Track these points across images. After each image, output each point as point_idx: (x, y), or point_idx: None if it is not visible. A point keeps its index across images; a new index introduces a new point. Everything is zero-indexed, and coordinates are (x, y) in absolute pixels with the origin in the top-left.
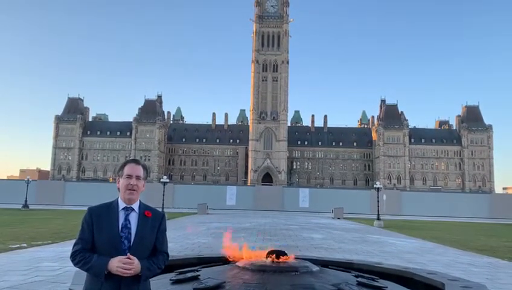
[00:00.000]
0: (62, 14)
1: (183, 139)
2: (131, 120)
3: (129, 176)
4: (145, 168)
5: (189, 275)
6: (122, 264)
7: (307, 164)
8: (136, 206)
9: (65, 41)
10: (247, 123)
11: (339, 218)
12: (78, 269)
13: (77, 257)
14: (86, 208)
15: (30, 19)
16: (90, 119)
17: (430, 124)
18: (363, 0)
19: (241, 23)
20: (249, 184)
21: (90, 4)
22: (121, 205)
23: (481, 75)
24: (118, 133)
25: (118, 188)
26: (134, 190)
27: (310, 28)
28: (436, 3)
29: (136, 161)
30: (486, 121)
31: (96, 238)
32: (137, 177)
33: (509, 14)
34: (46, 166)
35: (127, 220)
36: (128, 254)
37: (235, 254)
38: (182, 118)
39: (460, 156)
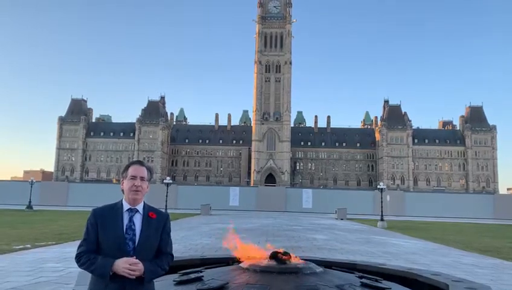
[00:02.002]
0: (64, 14)
1: (186, 140)
2: (135, 121)
3: (133, 177)
4: (149, 169)
5: (192, 276)
6: (128, 265)
7: (310, 164)
8: (140, 207)
9: (68, 42)
10: (250, 124)
11: (342, 219)
12: (82, 270)
13: (82, 259)
14: (89, 209)
15: (31, 19)
16: (93, 120)
17: (434, 124)
18: (366, 1)
19: (244, 24)
20: (252, 185)
21: (92, 5)
22: (126, 206)
23: (485, 75)
24: (121, 134)
25: (122, 190)
26: (138, 191)
27: (313, 29)
28: (440, 3)
29: (140, 163)
30: (490, 121)
31: (101, 239)
32: (142, 178)
33: None
34: (50, 167)
35: (131, 222)
36: (134, 256)
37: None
38: (185, 119)
39: (464, 156)
